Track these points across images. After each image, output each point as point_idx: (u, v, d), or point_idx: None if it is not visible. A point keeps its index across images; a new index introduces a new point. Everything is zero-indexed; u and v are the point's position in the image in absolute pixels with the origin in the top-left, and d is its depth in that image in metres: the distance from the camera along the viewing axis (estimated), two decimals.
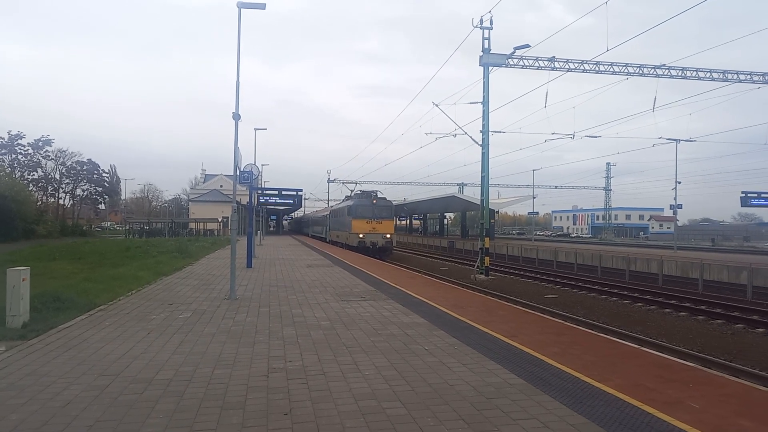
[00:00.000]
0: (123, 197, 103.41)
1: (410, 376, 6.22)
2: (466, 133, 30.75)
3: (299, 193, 25.95)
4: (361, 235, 34.57)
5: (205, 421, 4.78)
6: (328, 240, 48.82)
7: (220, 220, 73.21)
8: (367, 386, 5.83)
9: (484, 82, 26.58)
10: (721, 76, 28.76)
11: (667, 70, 28.30)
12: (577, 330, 9.14)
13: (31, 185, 68.07)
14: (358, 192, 40.27)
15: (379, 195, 38.79)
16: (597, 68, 27.92)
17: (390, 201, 39.28)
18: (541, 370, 6.57)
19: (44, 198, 74.80)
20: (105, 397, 5.36)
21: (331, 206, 53.92)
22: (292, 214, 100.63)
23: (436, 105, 29.79)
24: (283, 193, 26.93)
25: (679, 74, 28.46)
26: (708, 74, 28.74)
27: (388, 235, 35.67)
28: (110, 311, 10.39)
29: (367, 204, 36.07)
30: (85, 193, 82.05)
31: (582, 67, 27.86)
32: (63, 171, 76.52)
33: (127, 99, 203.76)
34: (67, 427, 4.61)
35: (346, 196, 44.84)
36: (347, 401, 5.33)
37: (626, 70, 28.20)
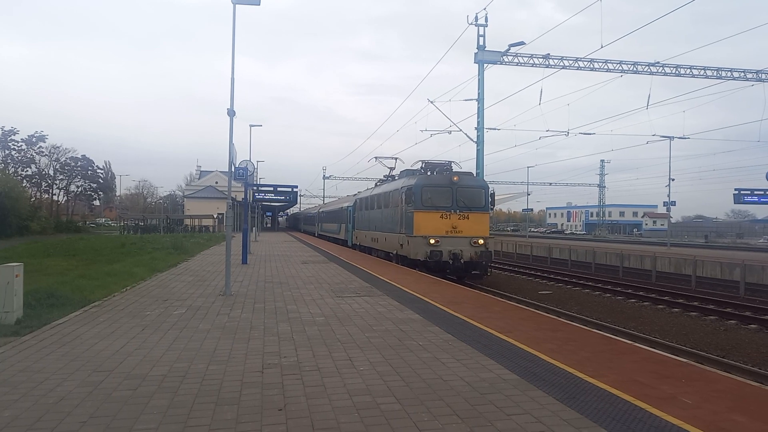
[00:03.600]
0: (118, 193, 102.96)
1: (404, 372, 6.23)
2: (461, 130, 30.76)
3: (294, 189, 25.94)
4: (433, 240, 19.10)
5: (199, 417, 4.77)
6: (350, 244, 33.68)
7: (215, 216, 73.01)
8: (361, 382, 5.84)
9: (479, 79, 26.61)
10: (714, 74, 28.87)
11: (661, 68, 28.39)
12: (572, 326, 9.16)
13: (24, 181, 67.72)
14: (415, 168, 23.02)
15: (459, 169, 22.46)
16: (591, 65, 27.99)
17: (482, 180, 23.64)
18: (535, 365, 6.59)
19: (38, 194, 74.42)
20: (99, 393, 5.34)
21: (356, 194, 35.44)
22: (288, 210, 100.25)
23: (431, 102, 29.77)
24: (279, 189, 26.87)
25: (673, 71, 28.56)
26: (702, 71, 28.84)
27: (481, 240, 19.59)
28: (104, 307, 10.36)
29: (444, 184, 20.03)
30: (79, 190, 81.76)
31: (576, 65, 27.91)
32: (57, 167, 76.26)
33: (122, 96, 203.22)
34: (61, 423, 4.59)
35: (385, 176, 28.35)
36: (342, 397, 5.34)
37: (620, 68, 28.29)
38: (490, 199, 20.40)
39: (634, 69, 28.28)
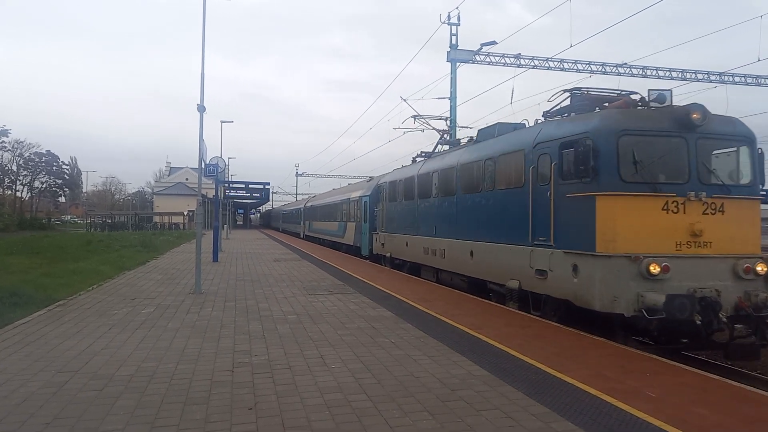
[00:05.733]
0: (84, 190, 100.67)
1: (376, 369, 6.24)
2: (433, 128, 30.89)
3: (266, 186, 25.76)
4: (655, 268, 7.67)
5: (168, 417, 4.71)
6: (366, 253, 22.94)
7: (185, 213, 71.98)
8: (332, 379, 5.83)
9: (451, 78, 26.72)
10: (679, 75, 29.62)
11: (628, 69, 29.01)
12: (541, 322, 9.29)
13: None
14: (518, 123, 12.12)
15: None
16: (561, 66, 28.43)
17: (741, 122, 9.06)
18: (505, 361, 6.67)
19: (1, 190, 72.32)
20: (63, 394, 5.23)
21: (375, 179, 24.91)
22: (261, 207, 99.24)
23: (404, 100, 29.52)
24: (250, 186, 26.67)
25: (640, 72, 29.20)
26: (667, 73, 29.55)
27: (762, 265, 8.11)
28: (70, 307, 10.12)
29: (670, 131, 8.31)
30: (44, 186, 79.77)
31: (547, 65, 28.31)
32: (20, 162, 74.28)
33: (89, 91, 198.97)
34: (23, 424, 4.48)
35: (445, 143, 18.62)
36: (313, 395, 5.32)
37: (589, 68, 28.82)
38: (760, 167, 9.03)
39: (603, 70, 28.81)
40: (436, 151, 17.91)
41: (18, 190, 77.17)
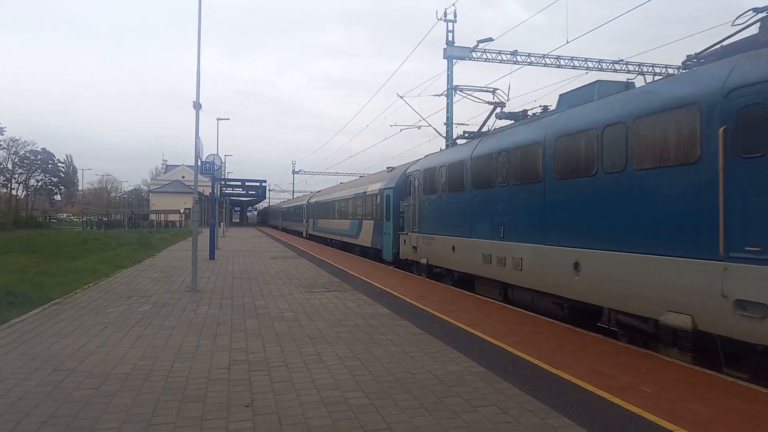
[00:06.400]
0: (80, 188, 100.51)
1: (373, 366, 6.24)
2: (430, 125, 30.95)
3: (263, 183, 25.74)
4: None
5: (164, 414, 4.70)
6: (389, 257, 19.06)
7: (182, 211, 71.82)
8: (329, 377, 5.83)
9: (448, 75, 26.73)
10: (676, 72, 29.65)
11: (624, 65, 29.01)
12: (537, 319, 9.31)
13: None
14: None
15: None
16: (558, 62, 28.42)
17: None
18: (501, 358, 6.68)
19: None
20: (59, 393, 5.21)
21: (421, 159, 17.33)
22: (259, 204, 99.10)
23: (401, 97, 29.70)
24: (247, 183, 26.63)
25: (636, 69, 29.19)
26: (663, 69, 29.56)
27: None
28: (65, 305, 10.09)
29: None
30: (39, 184, 79.63)
31: (543, 61, 28.30)
32: (16, 161, 74.03)
33: (85, 89, 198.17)
34: (19, 423, 4.46)
35: (498, 111, 13.61)
36: (310, 392, 5.32)
37: (586, 65, 28.80)
38: None
39: (599, 66, 28.82)
40: (485, 130, 13.83)
41: (13, 189, 77.00)
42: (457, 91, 15.31)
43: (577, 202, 8.83)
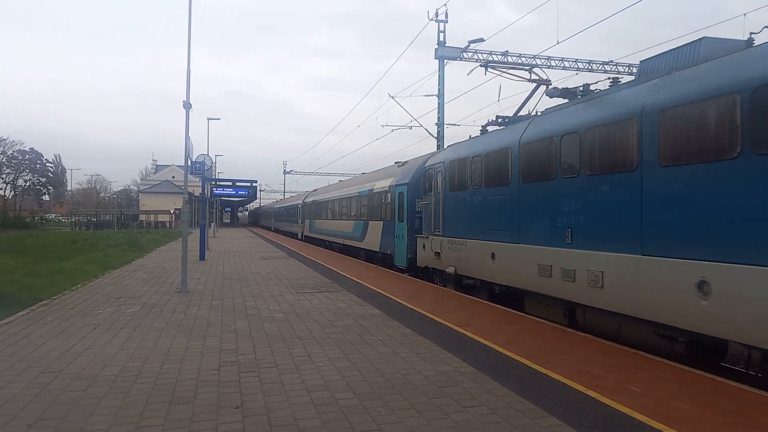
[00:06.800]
0: (69, 188, 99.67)
1: (363, 367, 6.25)
2: (421, 125, 30.93)
3: (254, 184, 25.64)
4: None
5: (153, 417, 4.68)
6: (405, 263, 16.60)
7: (172, 211, 71.45)
8: (320, 378, 5.83)
9: (439, 75, 26.81)
10: None
11: (614, 66, 29.19)
12: (526, 318, 9.35)
13: None
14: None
15: None
16: (548, 63, 28.54)
17: None
18: (491, 358, 6.70)
19: None
20: (47, 395, 5.17)
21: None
22: (250, 204, 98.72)
23: (392, 97, 29.80)
24: (237, 184, 26.49)
25: (626, 70, 29.39)
26: None
27: None
28: (54, 306, 10.02)
29: None
30: (27, 184, 78.94)
31: (534, 62, 28.41)
32: (3, 160, 73.27)
33: (74, 89, 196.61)
34: (5, 426, 4.43)
35: (550, 88, 11.00)
36: (300, 393, 5.32)
37: (576, 65, 28.97)
38: None
39: (589, 67, 29.00)
40: (524, 113, 11.73)
41: (1, 189, 76.23)
42: (489, 69, 12.67)
43: (702, 197, 6.28)
